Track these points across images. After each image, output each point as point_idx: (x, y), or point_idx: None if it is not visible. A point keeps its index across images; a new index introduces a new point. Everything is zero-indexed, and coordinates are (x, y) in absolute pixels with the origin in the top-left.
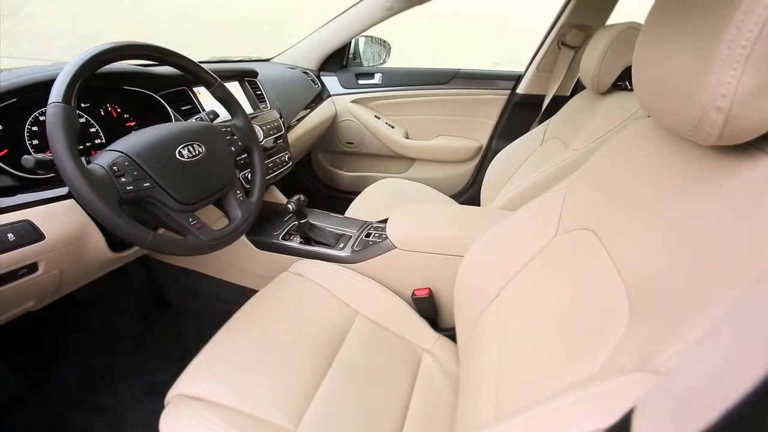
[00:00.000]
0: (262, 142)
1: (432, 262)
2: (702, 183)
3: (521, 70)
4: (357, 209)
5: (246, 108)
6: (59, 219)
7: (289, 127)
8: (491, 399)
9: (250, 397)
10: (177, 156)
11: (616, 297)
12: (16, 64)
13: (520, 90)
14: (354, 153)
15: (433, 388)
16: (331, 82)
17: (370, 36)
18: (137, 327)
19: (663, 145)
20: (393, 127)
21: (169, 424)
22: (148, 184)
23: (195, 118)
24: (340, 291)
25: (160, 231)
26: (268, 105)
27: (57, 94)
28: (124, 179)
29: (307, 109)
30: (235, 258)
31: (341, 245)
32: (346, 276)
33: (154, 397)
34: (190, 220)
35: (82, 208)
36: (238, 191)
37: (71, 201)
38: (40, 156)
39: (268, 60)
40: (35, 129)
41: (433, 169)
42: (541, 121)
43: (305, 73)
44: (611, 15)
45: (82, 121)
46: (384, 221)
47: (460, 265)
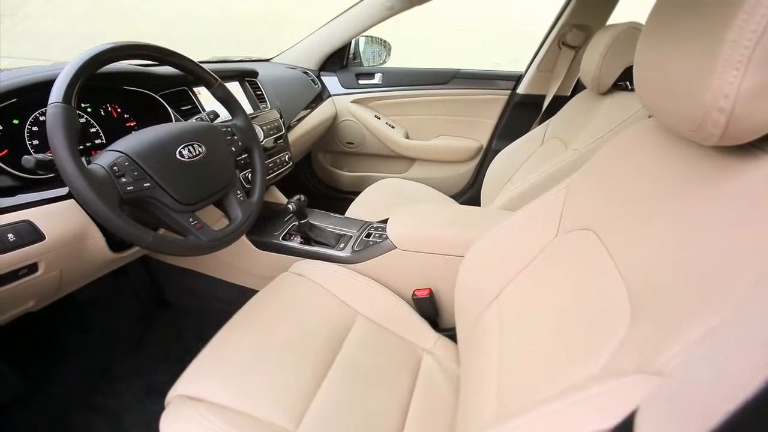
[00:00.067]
0: (262, 142)
1: (432, 263)
2: (703, 183)
3: (521, 70)
4: (357, 209)
5: (246, 108)
6: (59, 219)
7: (289, 127)
8: (492, 399)
9: (250, 398)
10: (177, 156)
11: (617, 297)
12: (16, 64)
13: (521, 90)
14: (354, 153)
15: (434, 389)
16: (331, 82)
17: (371, 36)
18: (137, 327)
19: (664, 145)
20: (393, 127)
21: (169, 424)
22: (148, 184)
23: (195, 118)
24: (341, 291)
25: (161, 231)
26: (269, 105)
27: (57, 94)
28: (124, 179)
29: (308, 109)
30: (236, 258)
31: (341, 245)
32: (347, 276)
33: (155, 398)
34: (191, 220)
35: (83, 208)
36: (238, 191)
37: (71, 201)
38: (40, 156)
39: (268, 60)
40: (35, 129)
41: (433, 170)
42: (541, 121)
43: (305, 73)
44: (612, 15)
45: (83, 121)
46: (384, 221)
47: (461, 266)
